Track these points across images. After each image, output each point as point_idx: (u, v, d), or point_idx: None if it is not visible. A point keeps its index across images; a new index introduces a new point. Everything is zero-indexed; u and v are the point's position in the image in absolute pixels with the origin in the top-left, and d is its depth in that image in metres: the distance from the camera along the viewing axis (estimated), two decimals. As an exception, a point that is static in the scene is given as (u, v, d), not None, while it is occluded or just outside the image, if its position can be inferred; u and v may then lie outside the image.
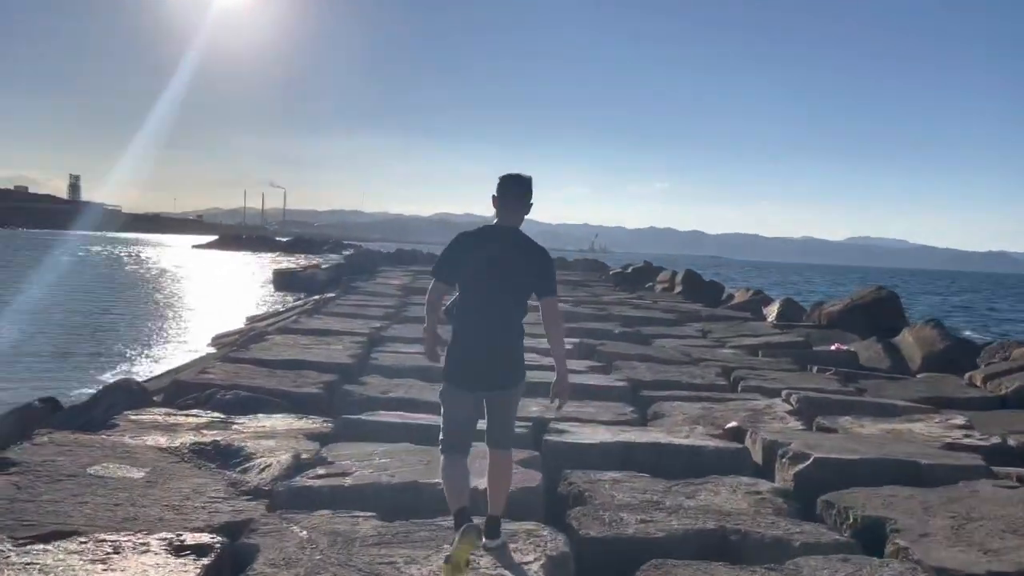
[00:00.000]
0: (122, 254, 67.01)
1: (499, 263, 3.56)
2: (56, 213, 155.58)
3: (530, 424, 6.02)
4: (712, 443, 5.40)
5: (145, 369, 13.44)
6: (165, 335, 18.38)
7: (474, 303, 3.57)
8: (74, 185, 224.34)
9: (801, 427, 6.34)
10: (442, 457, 3.62)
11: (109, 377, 11.79)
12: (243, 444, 4.65)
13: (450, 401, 3.65)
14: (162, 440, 4.60)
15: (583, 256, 64.89)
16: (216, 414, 5.55)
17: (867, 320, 14.56)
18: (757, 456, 5.49)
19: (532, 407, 6.79)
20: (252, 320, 20.71)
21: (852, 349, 11.74)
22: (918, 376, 10.61)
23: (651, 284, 28.02)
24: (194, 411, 5.64)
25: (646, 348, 11.23)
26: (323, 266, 39.16)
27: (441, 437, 3.65)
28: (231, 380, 6.94)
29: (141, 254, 68.97)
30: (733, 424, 6.25)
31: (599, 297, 21.09)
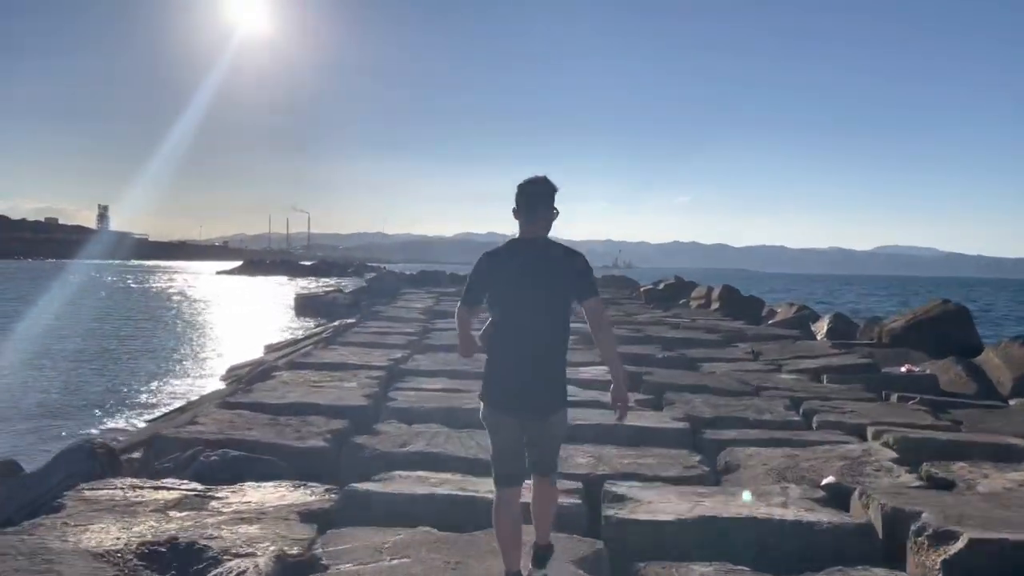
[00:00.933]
0: (144, 282, 66.85)
1: (530, 276, 3.31)
2: (84, 243, 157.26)
3: (580, 486, 4.88)
4: (826, 517, 4.20)
5: (148, 407, 12.47)
6: (177, 368, 17.43)
7: (509, 323, 3.34)
8: (102, 215, 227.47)
9: (916, 481, 5.12)
10: (495, 492, 3.39)
11: (108, 421, 10.83)
12: (214, 537, 3.55)
13: (494, 426, 3.40)
14: (109, 535, 3.52)
15: (607, 272, 63.81)
16: (193, 485, 4.47)
17: (935, 337, 13.24)
18: (875, 524, 4.29)
19: (579, 458, 5.68)
20: (270, 348, 19.79)
21: (928, 371, 10.45)
22: (1011, 403, 9.32)
23: (685, 301, 26.73)
24: (168, 481, 4.57)
25: (697, 376, 10.04)
26: (345, 290, 38.34)
27: (493, 469, 3.43)
28: (222, 433, 5.88)
29: (164, 281, 68.79)
30: (831, 480, 5.07)
31: (633, 316, 19.89)
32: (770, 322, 20.07)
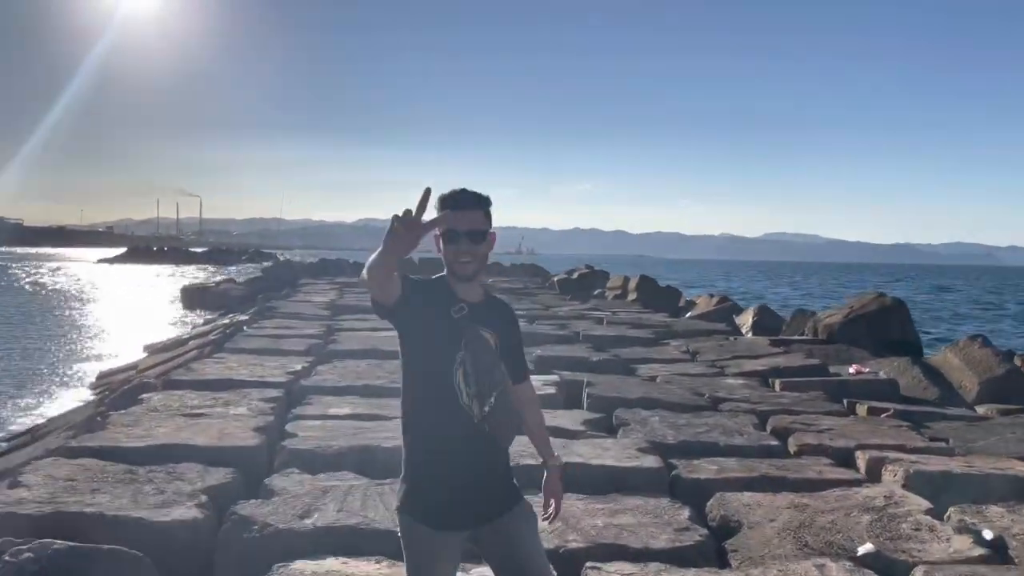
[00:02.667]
0: (14, 271, 61.38)
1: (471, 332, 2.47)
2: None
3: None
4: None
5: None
6: (33, 377, 15.07)
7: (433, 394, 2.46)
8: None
9: (973, 545, 4.06)
10: None
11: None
12: None
13: (417, 549, 2.42)
14: None
15: (513, 260, 62.89)
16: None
17: (873, 333, 12.65)
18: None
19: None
20: (151, 349, 17.66)
21: (883, 374, 9.69)
22: (979, 409, 8.62)
23: (601, 291, 25.91)
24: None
25: (642, 385, 8.91)
26: (239, 280, 35.82)
27: None
28: (53, 502, 4.29)
29: (37, 270, 63.48)
30: (869, 548, 3.96)
31: (550, 309, 18.79)
32: (690, 314, 19.38)
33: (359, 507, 4.33)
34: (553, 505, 2.69)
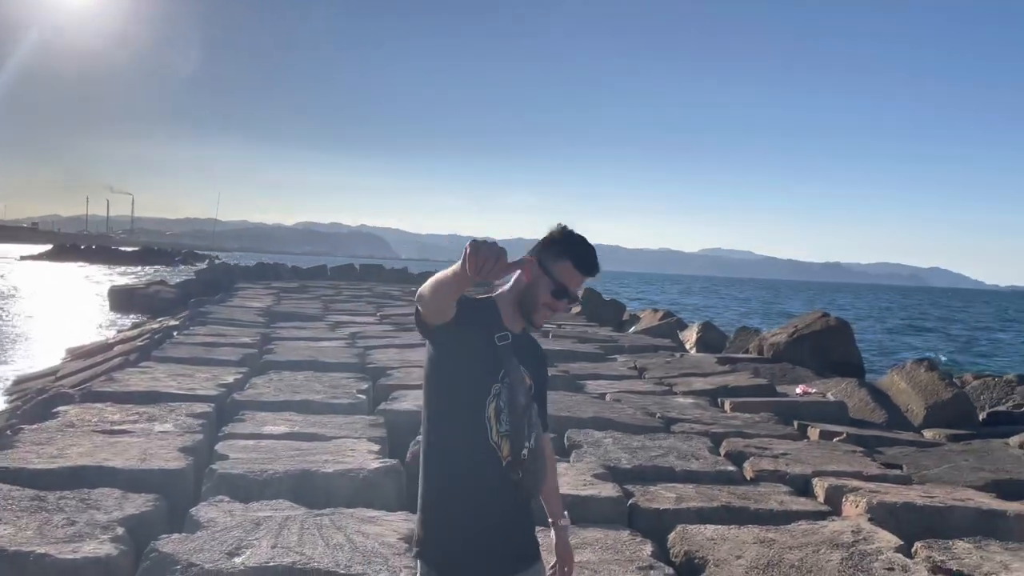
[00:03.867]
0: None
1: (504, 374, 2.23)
2: None
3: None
4: None
5: None
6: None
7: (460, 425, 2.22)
8: None
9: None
10: None
11: None
12: None
13: None
14: None
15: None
16: None
17: (817, 352, 12.70)
18: None
19: None
20: (73, 353, 16.74)
21: (831, 395, 9.66)
22: (926, 433, 8.63)
23: (545, 303, 25.72)
24: None
25: (593, 403, 8.66)
26: (170, 282, 34.56)
27: None
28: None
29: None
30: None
31: (496, 321, 18.48)
32: (634, 329, 19.33)
33: (296, 542, 3.93)
34: (567, 570, 2.49)
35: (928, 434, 8.45)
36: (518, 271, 2.13)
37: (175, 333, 14.06)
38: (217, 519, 4.22)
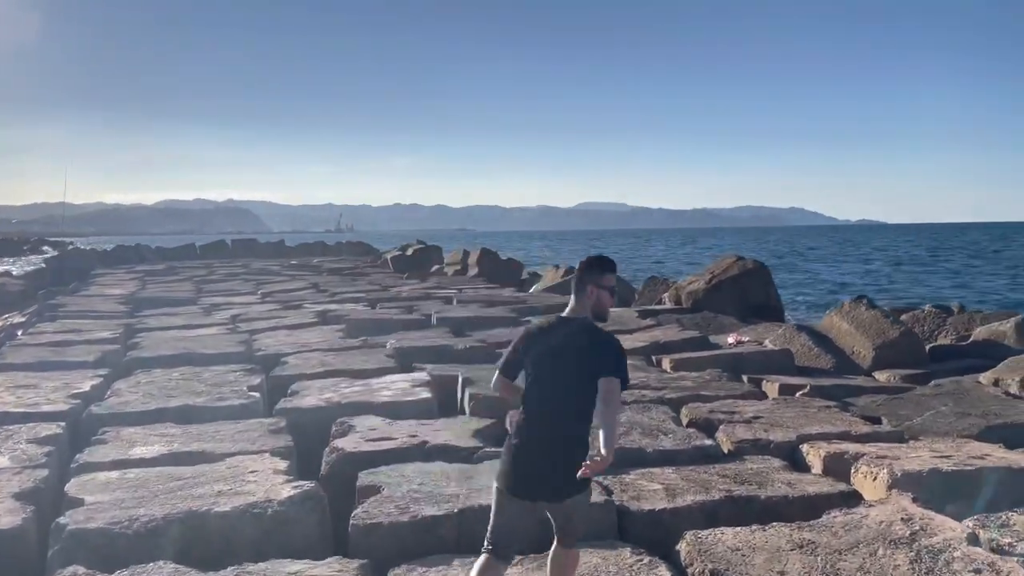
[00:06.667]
0: None
1: (560, 358, 3.11)
2: None
3: None
4: None
5: None
6: None
7: (532, 404, 3.14)
8: None
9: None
10: (481, 557, 3.10)
11: None
12: None
13: (500, 505, 3.11)
14: None
15: (335, 238, 59.79)
16: None
17: (736, 297, 12.16)
18: None
19: None
20: None
21: (772, 344, 9.02)
22: (877, 376, 8.10)
23: (439, 267, 24.49)
24: None
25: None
26: (15, 273, 30.97)
27: (487, 536, 3.12)
28: None
29: None
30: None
31: (390, 289, 17.17)
32: (538, 287, 18.46)
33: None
34: (600, 462, 2.93)
35: (881, 377, 7.93)
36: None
37: (19, 333, 12.03)
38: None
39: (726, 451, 5.42)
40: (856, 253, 63.29)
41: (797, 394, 6.94)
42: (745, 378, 7.71)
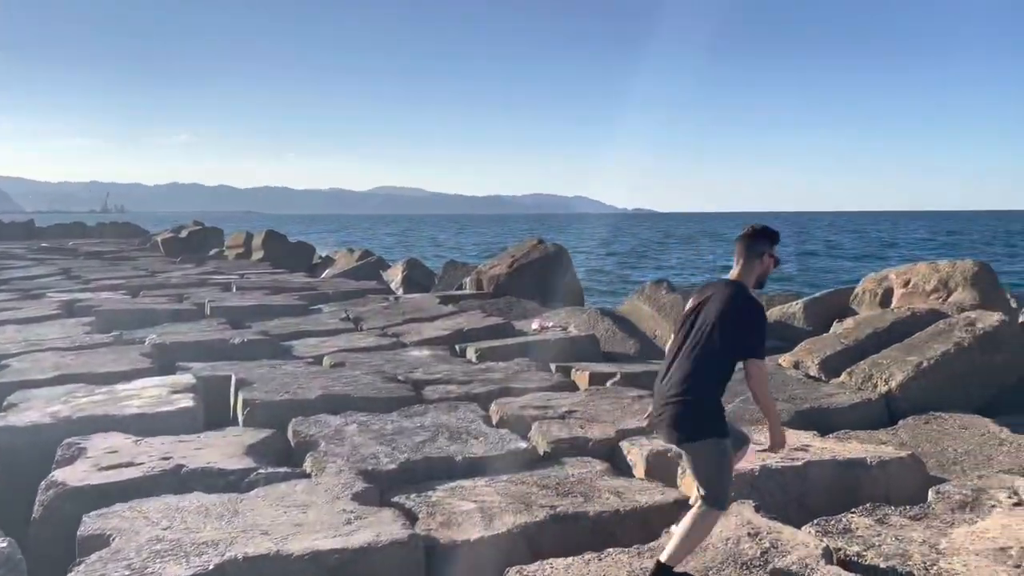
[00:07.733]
0: None
1: (701, 315, 3.32)
2: None
3: None
4: None
5: None
6: None
7: (671, 351, 3.39)
8: None
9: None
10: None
11: None
12: None
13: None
14: None
15: (99, 218, 53.59)
16: None
17: (536, 282, 11.83)
18: None
19: None
20: None
21: (576, 330, 8.67)
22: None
23: (219, 251, 22.40)
24: None
25: (314, 374, 6.64)
26: None
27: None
28: None
29: None
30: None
31: (158, 275, 15.28)
32: (330, 273, 17.26)
33: None
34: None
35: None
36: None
37: None
38: None
39: (542, 453, 4.84)
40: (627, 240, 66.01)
41: (608, 383, 6.55)
42: (553, 367, 7.25)
